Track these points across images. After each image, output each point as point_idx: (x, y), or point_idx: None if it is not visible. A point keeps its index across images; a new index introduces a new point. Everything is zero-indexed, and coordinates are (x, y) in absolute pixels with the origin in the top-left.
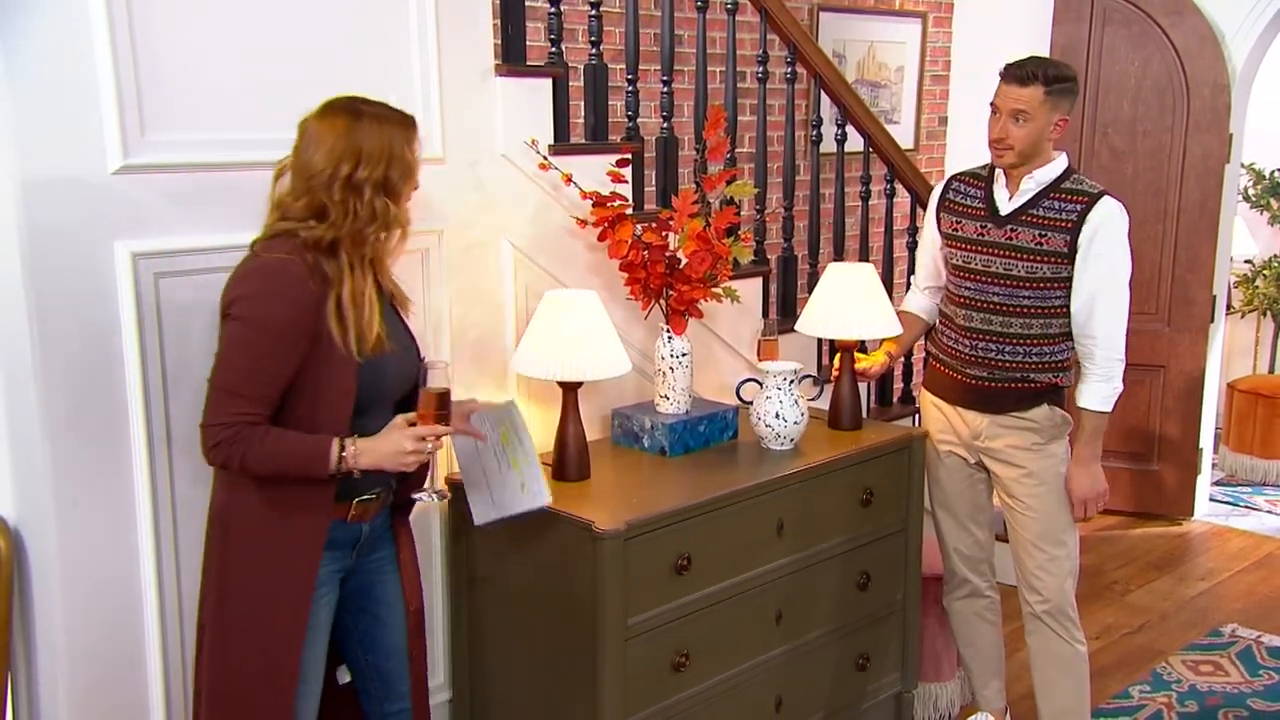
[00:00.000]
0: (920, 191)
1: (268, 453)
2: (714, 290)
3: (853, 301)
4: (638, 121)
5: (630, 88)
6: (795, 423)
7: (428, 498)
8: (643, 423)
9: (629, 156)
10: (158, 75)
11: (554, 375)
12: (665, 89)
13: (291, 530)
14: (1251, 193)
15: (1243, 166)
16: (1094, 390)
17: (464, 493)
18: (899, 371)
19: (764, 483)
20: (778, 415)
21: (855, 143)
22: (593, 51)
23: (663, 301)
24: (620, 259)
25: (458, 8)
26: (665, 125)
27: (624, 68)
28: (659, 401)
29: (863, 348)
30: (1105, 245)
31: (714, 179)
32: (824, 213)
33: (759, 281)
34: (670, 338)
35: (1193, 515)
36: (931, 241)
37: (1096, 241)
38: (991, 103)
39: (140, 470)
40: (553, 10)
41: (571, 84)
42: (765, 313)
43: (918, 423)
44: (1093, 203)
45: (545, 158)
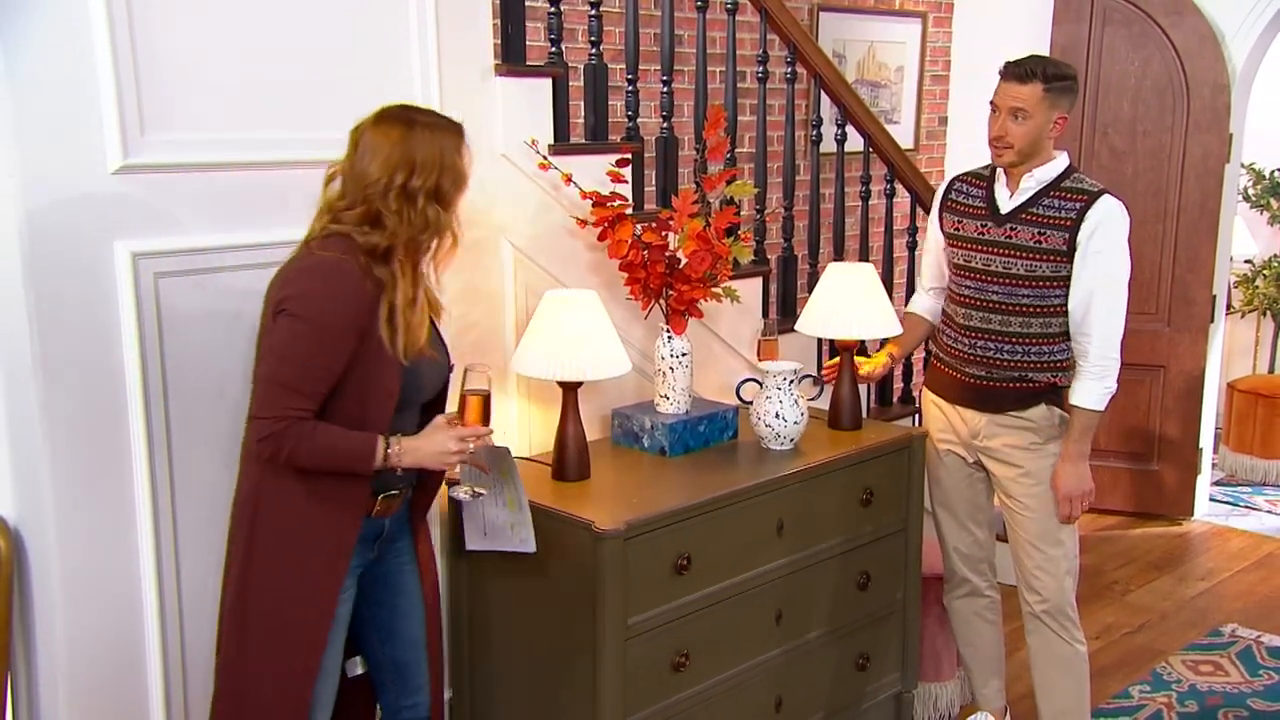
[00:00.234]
0: (920, 191)
1: (316, 448)
2: (714, 290)
3: (853, 301)
4: (638, 121)
5: (630, 88)
6: (795, 423)
7: (466, 495)
8: (643, 423)
9: (629, 156)
10: (157, 75)
11: (554, 375)
12: (665, 89)
13: (325, 524)
14: (1251, 193)
15: (1243, 166)
16: (1088, 388)
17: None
18: (899, 371)
19: (764, 483)
20: (778, 415)
21: (855, 143)
22: (593, 51)
23: (663, 301)
24: (620, 259)
25: (458, 8)
26: (665, 125)
27: (624, 68)
28: (659, 401)
29: (863, 350)
30: (1104, 243)
31: (714, 179)
32: (824, 213)
33: (759, 281)
34: (670, 338)
35: (1193, 515)
36: (935, 242)
37: (1095, 239)
38: (991, 101)
39: (140, 470)
40: (553, 10)
41: (571, 84)
42: (765, 313)
43: (918, 423)
44: (1092, 201)
45: (545, 157)
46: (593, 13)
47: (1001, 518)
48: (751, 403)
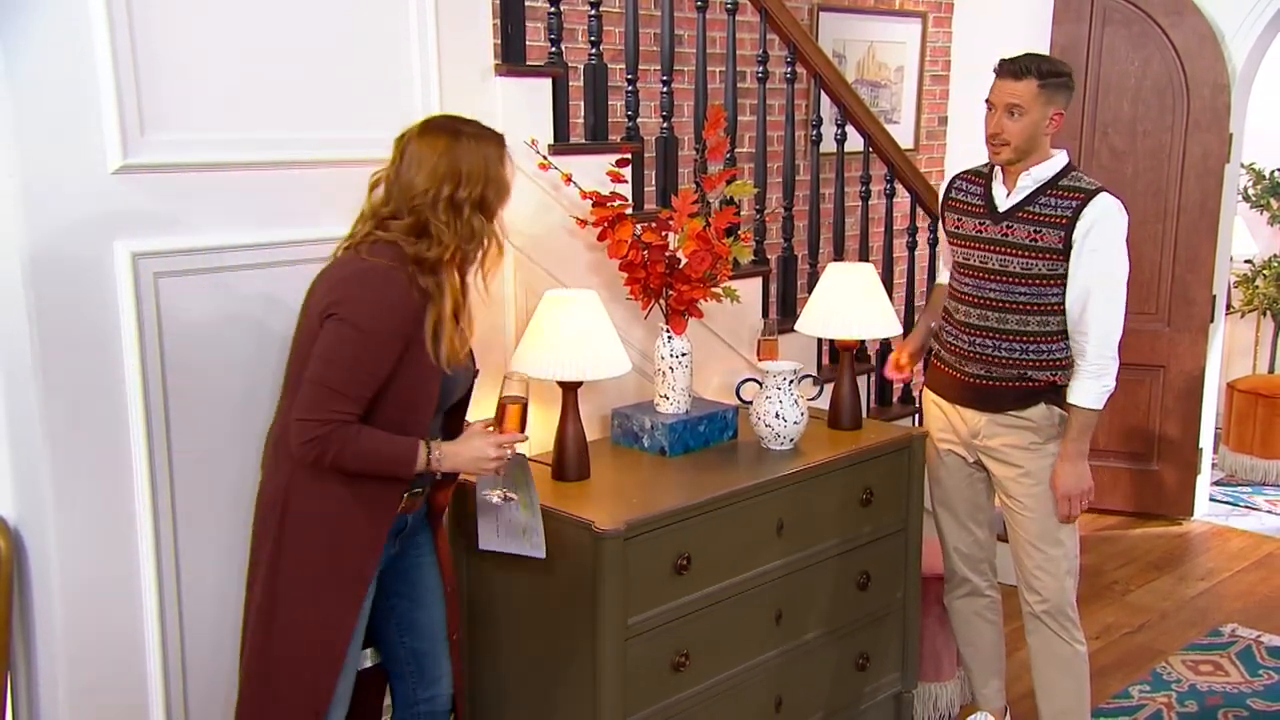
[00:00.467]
0: (920, 191)
1: (361, 451)
2: (714, 290)
3: (852, 301)
4: (638, 121)
5: (630, 88)
6: (795, 423)
7: (499, 499)
8: (643, 423)
9: (629, 156)
10: (157, 75)
11: (554, 375)
12: (665, 89)
13: (357, 523)
14: (1251, 193)
15: (1243, 166)
16: (1085, 387)
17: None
18: None
19: (764, 483)
20: (778, 415)
21: (855, 143)
22: (593, 51)
23: (663, 301)
24: (620, 259)
25: (458, 8)
26: (665, 125)
27: (624, 68)
28: (659, 401)
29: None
30: (1100, 241)
31: (714, 179)
32: (824, 213)
33: (759, 281)
34: (670, 338)
35: (1193, 515)
36: (943, 236)
37: (1091, 237)
38: (987, 99)
39: (140, 470)
40: (553, 10)
41: (571, 84)
42: (765, 313)
43: (918, 423)
44: (1088, 199)
45: (545, 157)
46: (593, 13)
47: (1002, 517)
48: (751, 403)
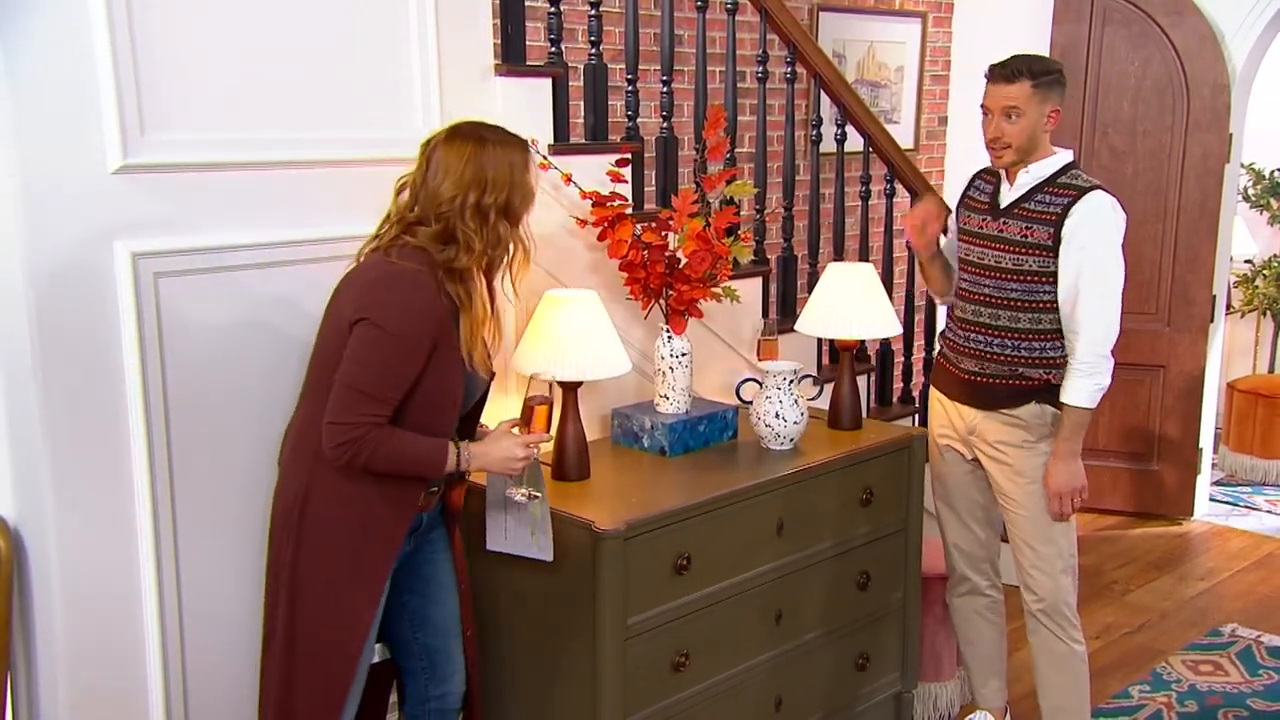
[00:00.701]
0: (920, 191)
1: (392, 452)
2: (714, 290)
3: (853, 301)
4: (638, 121)
5: (630, 88)
6: (795, 422)
7: (523, 498)
8: (643, 422)
9: (629, 156)
10: (157, 75)
11: (554, 375)
12: (665, 89)
13: (378, 522)
14: (1251, 193)
15: (1243, 166)
16: (1078, 386)
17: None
18: (898, 371)
19: (764, 482)
20: (778, 415)
21: (855, 143)
22: (592, 51)
23: (662, 301)
24: (620, 259)
25: (458, 8)
26: (665, 125)
27: (624, 68)
28: (659, 401)
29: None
30: (1089, 238)
31: (714, 179)
32: (824, 213)
33: (759, 281)
34: (670, 337)
35: (1193, 515)
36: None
37: (1079, 234)
38: (982, 105)
39: (140, 470)
40: (553, 10)
41: (571, 84)
42: (765, 313)
43: (918, 422)
44: (1080, 196)
45: (545, 157)
46: (593, 13)
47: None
48: (751, 403)
